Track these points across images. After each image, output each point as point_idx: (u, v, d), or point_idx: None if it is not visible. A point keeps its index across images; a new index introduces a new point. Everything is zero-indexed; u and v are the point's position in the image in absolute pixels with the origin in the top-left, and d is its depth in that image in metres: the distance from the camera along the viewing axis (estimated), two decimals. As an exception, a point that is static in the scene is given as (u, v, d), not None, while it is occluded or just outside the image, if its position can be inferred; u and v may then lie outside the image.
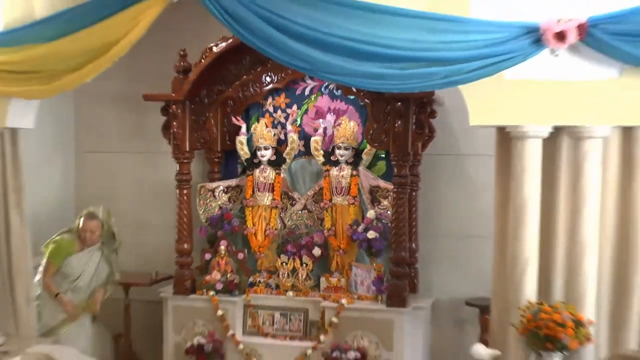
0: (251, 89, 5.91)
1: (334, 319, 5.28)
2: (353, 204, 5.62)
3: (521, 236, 4.02)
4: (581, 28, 3.71)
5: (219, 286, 5.55)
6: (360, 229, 5.44)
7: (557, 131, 4.04)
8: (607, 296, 4.10)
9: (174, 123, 5.65)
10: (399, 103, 5.13)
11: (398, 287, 5.23)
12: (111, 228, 5.85)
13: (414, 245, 5.71)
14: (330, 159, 5.67)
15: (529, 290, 4.01)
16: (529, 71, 3.91)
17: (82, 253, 5.67)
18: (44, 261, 5.58)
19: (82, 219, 5.70)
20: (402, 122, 5.16)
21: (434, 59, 3.93)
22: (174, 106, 5.63)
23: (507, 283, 4.13)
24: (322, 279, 5.55)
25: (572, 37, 3.71)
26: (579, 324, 3.75)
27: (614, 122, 3.92)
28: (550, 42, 3.76)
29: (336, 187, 5.64)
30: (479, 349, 4.20)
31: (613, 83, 3.83)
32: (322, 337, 5.32)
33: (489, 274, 4.40)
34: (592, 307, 3.96)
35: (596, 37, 3.72)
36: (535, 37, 3.81)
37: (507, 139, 4.13)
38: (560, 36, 3.72)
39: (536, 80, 3.92)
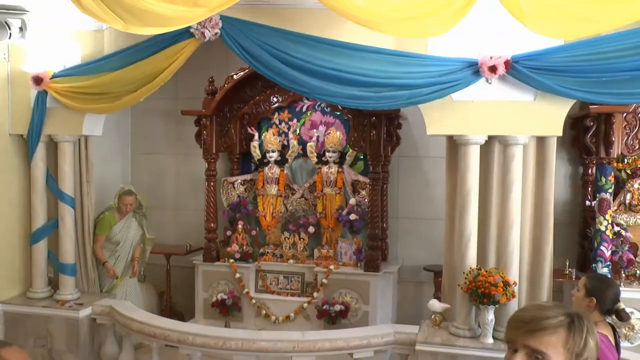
0: (262, 107, 5.92)
1: (324, 281, 5.33)
2: (339, 193, 5.63)
3: (465, 218, 4.08)
4: (507, 63, 3.78)
5: (237, 255, 5.58)
6: (344, 212, 5.47)
7: (491, 139, 4.11)
8: (527, 262, 4.18)
9: (204, 132, 5.69)
10: (374, 117, 5.18)
11: (373, 257, 5.27)
12: (137, 198, 5.72)
13: (384, 224, 5.73)
14: (321, 160, 5.68)
15: (471, 259, 4.08)
16: (470, 94, 3.97)
17: (122, 222, 5.55)
18: (94, 235, 5.43)
19: (119, 196, 5.56)
20: (376, 132, 5.21)
21: (399, 85, 3.98)
22: (204, 119, 5.67)
23: (455, 253, 4.19)
24: (315, 250, 5.58)
25: (501, 69, 3.79)
26: (506, 284, 3.84)
27: (531, 133, 4.00)
28: (485, 73, 3.83)
29: (326, 181, 5.65)
30: (434, 303, 4.29)
31: (530, 104, 3.89)
32: (315, 294, 5.36)
33: (441, 246, 4.47)
34: (516, 270, 4.03)
35: (518, 70, 3.79)
36: (474, 69, 3.87)
37: (454, 145, 4.20)
38: (492, 69, 3.80)
39: (475, 101, 3.98)
